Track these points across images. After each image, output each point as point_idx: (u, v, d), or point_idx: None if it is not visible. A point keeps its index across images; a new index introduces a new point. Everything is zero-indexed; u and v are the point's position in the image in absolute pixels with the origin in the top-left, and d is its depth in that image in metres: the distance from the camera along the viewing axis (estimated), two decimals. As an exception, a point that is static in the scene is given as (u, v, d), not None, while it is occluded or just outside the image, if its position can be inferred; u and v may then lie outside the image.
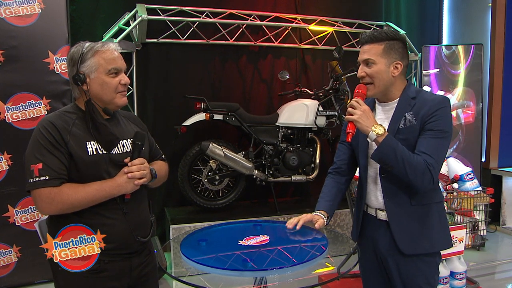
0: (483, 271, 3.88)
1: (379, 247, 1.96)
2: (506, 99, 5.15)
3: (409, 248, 1.86)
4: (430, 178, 1.75)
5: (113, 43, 1.79)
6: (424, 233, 1.87)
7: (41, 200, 1.60)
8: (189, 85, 4.44)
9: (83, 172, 1.66)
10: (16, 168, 3.44)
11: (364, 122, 1.76)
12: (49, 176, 1.59)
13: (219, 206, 4.18)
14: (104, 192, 1.65)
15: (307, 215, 1.89)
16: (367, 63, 1.87)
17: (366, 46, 1.88)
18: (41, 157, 1.60)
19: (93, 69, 1.71)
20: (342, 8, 5.05)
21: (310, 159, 4.38)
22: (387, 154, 1.74)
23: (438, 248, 1.93)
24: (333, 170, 2.14)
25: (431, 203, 1.89)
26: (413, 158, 1.74)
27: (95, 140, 1.70)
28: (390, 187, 1.88)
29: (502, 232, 5.02)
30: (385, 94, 1.91)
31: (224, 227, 2.03)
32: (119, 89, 1.76)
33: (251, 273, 1.48)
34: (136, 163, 1.72)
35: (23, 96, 3.45)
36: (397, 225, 1.87)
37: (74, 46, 1.76)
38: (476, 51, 4.99)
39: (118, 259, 1.73)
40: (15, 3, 3.39)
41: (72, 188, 1.62)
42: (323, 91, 4.44)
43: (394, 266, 1.92)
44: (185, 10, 4.29)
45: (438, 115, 1.78)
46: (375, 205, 1.96)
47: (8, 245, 3.47)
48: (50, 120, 1.67)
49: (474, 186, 3.30)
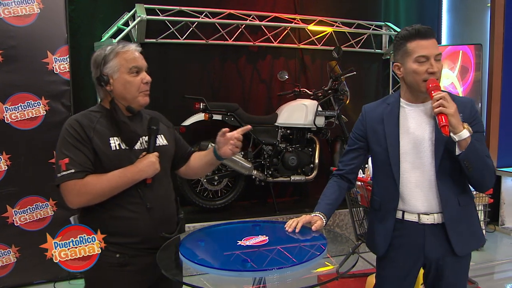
0: (482, 271, 3.88)
1: (426, 253, 1.89)
2: (505, 99, 5.14)
3: (463, 250, 1.86)
4: (495, 179, 1.81)
5: (134, 43, 1.87)
6: (472, 232, 1.89)
7: (68, 192, 1.68)
8: (188, 85, 4.44)
9: (107, 167, 1.72)
10: (15, 168, 3.45)
11: (457, 118, 1.66)
12: (74, 169, 1.66)
13: (218, 206, 4.19)
14: (126, 178, 1.71)
15: (305, 217, 1.86)
16: (437, 58, 1.77)
17: (429, 41, 1.77)
18: (68, 153, 1.68)
19: (115, 70, 1.79)
20: (341, 8, 5.05)
21: (309, 159, 4.38)
22: (474, 153, 1.69)
23: (480, 244, 1.94)
24: (338, 174, 2.07)
25: (472, 203, 1.91)
26: (487, 159, 1.73)
27: (117, 136, 1.77)
28: (446, 190, 1.82)
29: (501, 232, 5.02)
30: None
31: (223, 228, 2.03)
32: (142, 88, 1.83)
33: (250, 274, 1.48)
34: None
35: (22, 96, 3.45)
36: (453, 227, 1.83)
37: (97, 50, 1.85)
38: (475, 51, 4.99)
39: (142, 254, 1.76)
40: (13, 3, 3.39)
41: (96, 178, 1.69)
42: (322, 91, 4.44)
43: (445, 269, 1.88)
44: (184, 10, 4.29)
45: (478, 118, 1.81)
46: (420, 209, 1.86)
47: (7, 246, 3.47)
48: (76, 118, 1.77)
49: (473, 186, 3.31)
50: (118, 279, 1.75)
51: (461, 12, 5.63)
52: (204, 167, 2.07)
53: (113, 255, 1.73)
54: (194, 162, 2.08)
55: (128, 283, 1.77)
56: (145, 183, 1.77)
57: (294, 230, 1.82)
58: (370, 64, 5.27)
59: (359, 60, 5.11)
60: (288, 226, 1.84)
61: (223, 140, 1.89)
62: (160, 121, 1.94)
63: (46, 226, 3.57)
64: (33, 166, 3.50)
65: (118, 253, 1.74)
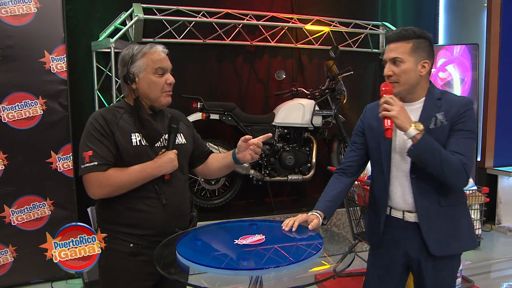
0: (478, 270, 3.91)
1: (406, 249, 1.93)
2: (502, 99, 5.17)
3: (440, 250, 1.85)
4: (465, 177, 1.75)
5: (160, 45, 1.93)
6: (453, 234, 1.87)
7: (91, 184, 1.77)
8: (185, 85, 4.43)
9: (127, 161, 1.80)
10: (12, 168, 3.44)
11: (403, 118, 1.73)
12: (98, 162, 1.75)
13: (216, 205, 4.19)
14: (146, 173, 1.80)
15: (302, 216, 1.87)
16: (395, 61, 1.83)
17: (393, 45, 1.85)
18: (92, 145, 1.77)
19: (141, 69, 1.86)
20: (338, 8, 5.06)
21: (306, 158, 4.39)
22: (426, 151, 1.72)
23: (465, 248, 1.92)
24: (339, 170, 2.10)
25: (458, 204, 1.90)
26: (449, 156, 1.73)
27: (139, 132, 1.85)
28: (420, 187, 1.85)
29: (498, 231, 5.04)
30: (411, 93, 1.89)
31: (219, 227, 2.03)
32: (165, 89, 1.90)
33: (247, 272, 1.48)
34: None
35: (19, 96, 3.44)
36: (428, 227, 1.85)
37: (125, 49, 1.92)
38: (472, 51, 5.00)
39: (154, 246, 1.79)
40: (11, 2, 3.38)
41: (117, 171, 1.78)
42: (320, 90, 4.45)
43: (425, 269, 1.89)
44: (182, 9, 4.28)
45: (467, 116, 1.79)
46: (403, 207, 1.92)
47: (4, 245, 3.46)
48: (101, 113, 1.86)
49: (469, 186, 3.29)
50: (129, 269, 1.83)
51: (458, 12, 5.65)
52: (221, 169, 2.13)
53: (126, 244, 1.82)
54: (212, 163, 2.16)
55: (138, 273, 1.84)
56: (163, 179, 1.85)
57: (291, 229, 1.82)
58: (367, 64, 5.28)
59: (356, 59, 5.13)
60: (284, 225, 1.85)
61: (245, 145, 1.96)
62: (180, 120, 2.02)
63: (43, 225, 3.57)
64: (30, 165, 3.50)
65: (132, 243, 1.83)
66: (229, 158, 2.05)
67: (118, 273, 1.84)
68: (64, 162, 3.60)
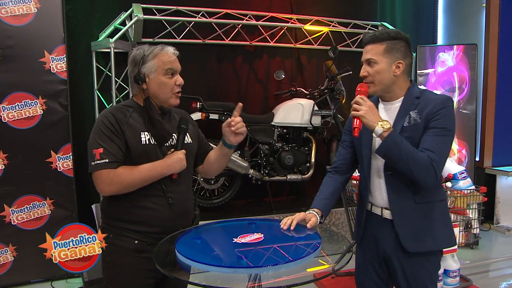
0: (477, 269, 3.92)
1: (384, 246, 1.96)
2: (500, 99, 5.19)
3: (413, 246, 1.87)
4: (434, 174, 1.76)
5: (171, 46, 1.99)
6: (428, 231, 1.88)
7: (101, 180, 1.79)
8: (185, 85, 4.36)
9: (136, 159, 1.84)
10: (12, 168, 3.45)
11: (370, 118, 1.78)
12: (108, 159, 1.78)
13: (215, 205, 4.20)
14: (155, 172, 1.83)
15: (300, 214, 1.90)
16: (369, 62, 1.89)
17: (369, 46, 1.90)
18: (102, 143, 1.80)
19: (152, 70, 1.90)
20: (337, 8, 5.07)
21: (305, 158, 4.40)
22: (392, 148, 1.76)
23: (441, 246, 1.94)
24: (332, 169, 2.15)
25: (434, 201, 1.91)
26: (417, 153, 1.75)
27: (148, 131, 1.88)
28: (394, 184, 1.89)
29: (496, 231, 5.05)
30: (388, 93, 1.93)
31: (219, 226, 2.05)
32: (175, 90, 1.96)
33: (245, 270, 1.50)
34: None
35: (19, 96, 3.46)
36: (401, 223, 1.88)
37: (136, 49, 1.95)
38: (471, 51, 5.02)
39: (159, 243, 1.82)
40: (11, 2, 3.39)
41: (128, 169, 1.80)
42: (319, 90, 4.46)
43: (398, 265, 1.92)
44: (181, 10, 4.30)
45: (441, 114, 1.80)
46: (381, 204, 1.96)
47: (4, 245, 3.48)
48: (111, 111, 1.88)
49: (467, 185, 3.33)
50: (133, 265, 1.85)
51: (456, 12, 5.67)
52: (218, 159, 2.14)
53: (131, 241, 1.85)
54: (209, 157, 2.18)
55: (142, 270, 1.86)
56: (171, 178, 1.89)
57: (289, 228, 1.85)
58: (366, 64, 5.28)
59: (355, 59, 5.07)
60: (283, 224, 1.87)
61: (228, 129, 1.99)
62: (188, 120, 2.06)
63: (43, 225, 3.58)
64: (30, 165, 3.51)
65: (137, 239, 1.85)
66: (221, 146, 2.08)
67: (122, 269, 1.87)
68: (64, 161, 3.62)
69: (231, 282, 1.49)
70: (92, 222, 3.70)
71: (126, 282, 1.88)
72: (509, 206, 5.17)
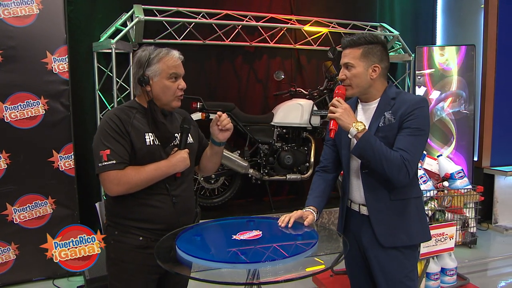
0: (474, 268, 3.94)
1: (362, 241, 2.04)
2: (498, 99, 5.22)
3: (388, 241, 1.95)
4: (406, 173, 1.82)
5: (177, 51, 2.01)
6: (402, 226, 1.95)
7: (109, 181, 1.82)
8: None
9: (140, 160, 1.87)
10: (15, 167, 3.49)
11: (345, 119, 1.85)
12: (116, 160, 1.81)
13: (215, 204, 4.23)
14: (161, 171, 1.87)
15: (297, 212, 1.97)
16: (347, 66, 1.95)
17: (347, 51, 1.97)
18: (109, 144, 1.82)
19: (157, 73, 1.93)
20: (336, 9, 5.10)
21: (304, 158, 4.43)
22: (366, 149, 1.83)
23: (416, 240, 2.02)
24: (320, 168, 2.22)
25: (409, 198, 1.97)
26: (390, 153, 1.82)
27: (152, 132, 1.92)
28: (370, 182, 1.96)
29: (494, 230, 5.08)
30: (365, 94, 2.00)
31: (218, 223, 2.08)
32: (177, 94, 1.99)
33: (244, 266, 1.53)
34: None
35: (21, 96, 3.49)
36: (377, 219, 1.96)
37: (141, 50, 1.97)
38: (469, 51, 5.05)
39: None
40: (13, 3, 3.43)
41: (135, 170, 1.84)
42: (318, 91, 4.49)
43: (375, 260, 1.99)
44: (182, 11, 4.33)
45: (415, 114, 1.87)
46: (359, 200, 2.04)
47: (6, 243, 3.51)
48: (115, 113, 1.91)
49: (464, 184, 3.36)
50: (137, 261, 1.89)
51: (455, 13, 5.70)
52: (211, 157, 2.18)
53: (136, 237, 1.89)
54: (202, 156, 2.22)
55: (146, 265, 1.90)
56: (175, 177, 1.94)
57: (287, 226, 1.89)
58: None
59: (354, 60, 5.15)
60: (281, 221, 1.92)
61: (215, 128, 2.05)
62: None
63: (45, 224, 3.61)
64: (32, 164, 3.54)
65: (142, 236, 1.89)
66: (211, 145, 2.14)
67: (126, 265, 1.90)
68: (65, 161, 3.65)
69: (230, 278, 1.53)
70: (93, 220, 3.74)
71: (130, 277, 1.92)
72: (507, 205, 5.20)
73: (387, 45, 2.00)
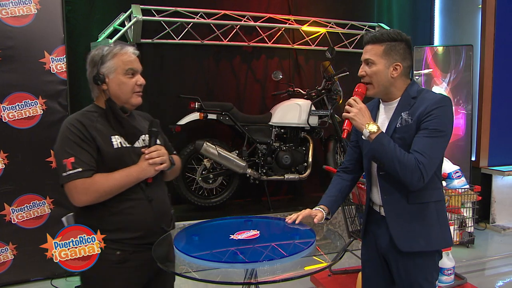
0: (472, 268, 3.96)
1: (380, 243, 1.98)
2: (496, 99, 5.23)
3: (406, 246, 1.87)
4: (420, 176, 1.74)
5: (131, 46, 1.92)
6: (420, 231, 1.87)
7: (76, 191, 1.70)
8: (183, 85, 4.48)
9: (109, 165, 1.76)
10: (12, 167, 3.49)
11: (359, 120, 1.80)
12: (82, 168, 1.70)
13: (213, 204, 4.23)
14: (132, 177, 1.77)
15: (305, 211, 1.94)
16: (368, 62, 1.88)
17: (368, 46, 1.89)
18: (73, 152, 1.71)
19: (112, 70, 1.84)
20: (334, 9, 5.11)
21: (303, 158, 4.44)
22: (379, 151, 1.77)
23: (435, 247, 1.92)
24: (340, 169, 2.19)
25: (429, 202, 1.88)
26: (404, 156, 1.74)
27: (118, 134, 1.82)
28: (387, 185, 1.90)
29: (492, 230, 5.10)
30: (386, 94, 1.92)
31: (216, 223, 2.08)
32: (136, 89, 1.89)
33: (242, 265, 1.53)
34: (153, 149, 1.85)
35: (19, 96, 3.49)
36: (394, 223, 1.89)
37: (94, 49, 1.89)
38: (467, 52, 5.06)
39: (141, 250, 1.79)
40: (11, 3, 3.43)
41: (103, 177, 1.73)
42: (316, 91, 4.50)
43: (394, 263, 1.94)
44: (180, 11, 4.33)
45: (434, 114, 1.77)
46: (378, 202, 1.98)
47: (4, 243, 3.51)
48: (76, 118, 1.80)
49: (461, 184, 3.36)
50: (117, 277, 1.77)
51: (453, 13, 5.71)
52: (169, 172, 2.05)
53: (113, 252, 1.75)
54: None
55: (126, 280, 1.80)
56: (146, 182, 1.84)
57: (284, 225, 1.89)
58: (363, 65, 5.31)
59: (352, 60, 5.15)
60: (288, 218, 1.92)
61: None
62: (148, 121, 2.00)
63: (43, 224, 3.61)
64: (30, 164, 3.54)
65: (119, 250, 1.76)
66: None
67: (105, 283, 1.78)
68: (63, 161, 3.64)
69: (229, 278, 1.53)
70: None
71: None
72: (505, 205, 5.22)
73: (411, 43, 1.91)
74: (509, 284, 3.71)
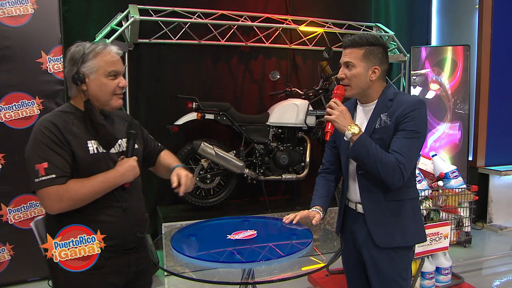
0: (469, 267, 3.97)
1: (357, 239, 2.06)
2: (493, 99, 5.25)
3: (383, 242, 1.96)
4: (400, 175, 1.83)
5: (114, 46, 1.81)
6: (397, 227, 1.96)
7: (49, 198, 1.61)
8: (181, 85, 4.48)
9: (85, 171, 1.68)
10: (9, 167, 3.48)
11: (341, 122, 1.86)
12: (56, 174, 1.60)
13: (211, 204, 4.23)
14: (108, 183, 1.69)
15: (303, 212, 2.00)
16: (348, 65, 1.94)
17: (348, 50, 1.95)
18: (46, 156, 1.61)
19: (93, 70, 1.72)
20: (332, 9, 5.12)
21: (300, 158, 4.44)
22: (360, 151, 1.83)
23: (411, 242, 2.02)
24: (322, 170, 2.24)
25: (405, 199, 1.98)
26: (384, 156, 1.82)
27: (95, 139, 1.73)
28: (366, 183, 1.97)
29: (489, 230, 5.11)
30: (364, 96, 2.00)
31: (213, 223, 2.09)
32: (117, 91, 1.78)
33: (239, 265, 1.54)
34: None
35: (16, 96, 3.48)
36: (372, 219, 1.97)
37: (74, 46, 1.76)
38: (464, 52, 5.07)
39: (117, 255, 1.75)
40: (8, 3, 3.42)
41: (78, 183, 1.64)
42: (313, 91, 4.50)
43: (369, 258, 2.01)
44: (177, 11, 4.33)
45: (411, 116, 1.86)
46: (355, 199, 2.05)
47: (1, 244, 3.50)
48: (50, 119, 1.68)
49: (458, 184, 3.37)
50: (90, 283, 1.71)
51: (450, 13, 5.73)
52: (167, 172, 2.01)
53: None
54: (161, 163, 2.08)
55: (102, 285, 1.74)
56: (123, 187, 1.77)
57: (282, 225, 1.91)
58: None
59: (350, 60, 5.16)
60: (285, 218, 1.96)
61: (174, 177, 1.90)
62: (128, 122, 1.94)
63: (40, 224, 3.60)
64: (27, 165, 3.52)
65: None
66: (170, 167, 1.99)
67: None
68: (60, 161, 3.63)
69: (226, 278, 1.54)
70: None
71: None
72: (502, 205, 5.24)
73: (387, 48, 1.99)
74: (506, 284, 3.72)
